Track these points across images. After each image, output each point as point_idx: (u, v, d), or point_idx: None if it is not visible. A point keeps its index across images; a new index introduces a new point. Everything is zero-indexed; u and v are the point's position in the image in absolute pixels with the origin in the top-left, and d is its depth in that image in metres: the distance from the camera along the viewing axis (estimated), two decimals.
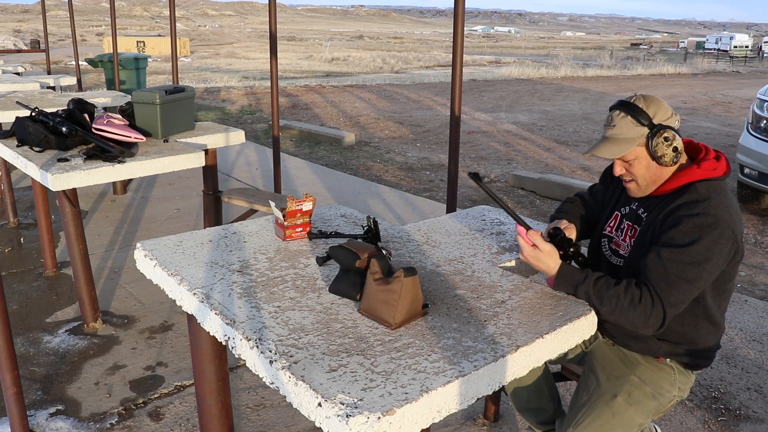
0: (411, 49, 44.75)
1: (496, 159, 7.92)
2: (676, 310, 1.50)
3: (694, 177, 1.57)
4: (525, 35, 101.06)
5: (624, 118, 1.58)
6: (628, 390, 1.67)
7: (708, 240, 1.47)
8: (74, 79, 7.12)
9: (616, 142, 1.59)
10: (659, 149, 1.56)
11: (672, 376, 1.69)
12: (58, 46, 31.69)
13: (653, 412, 1.69)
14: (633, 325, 1.52)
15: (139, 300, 3.46)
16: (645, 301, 1.48)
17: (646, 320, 1.49)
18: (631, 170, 1.62)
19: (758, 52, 44.99)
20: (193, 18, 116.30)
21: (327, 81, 18.58)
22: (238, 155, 7.25)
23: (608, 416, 1.65)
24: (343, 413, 1.08)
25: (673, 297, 1.48)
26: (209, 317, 1.46)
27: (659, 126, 1.56)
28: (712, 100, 15.05)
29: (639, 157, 1.59)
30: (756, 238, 5.07)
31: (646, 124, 1.56)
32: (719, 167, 1.59)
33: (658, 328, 1.51)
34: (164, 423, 2.42)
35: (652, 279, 1.50)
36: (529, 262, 1.61)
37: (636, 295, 1.49)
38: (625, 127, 1.58)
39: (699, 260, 1.48)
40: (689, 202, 1.53)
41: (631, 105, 1.58)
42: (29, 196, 5.06)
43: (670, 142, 1.56)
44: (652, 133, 1.56)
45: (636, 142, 1.57)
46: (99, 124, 2.99)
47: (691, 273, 1.48)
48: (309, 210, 1.93)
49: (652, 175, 1.61)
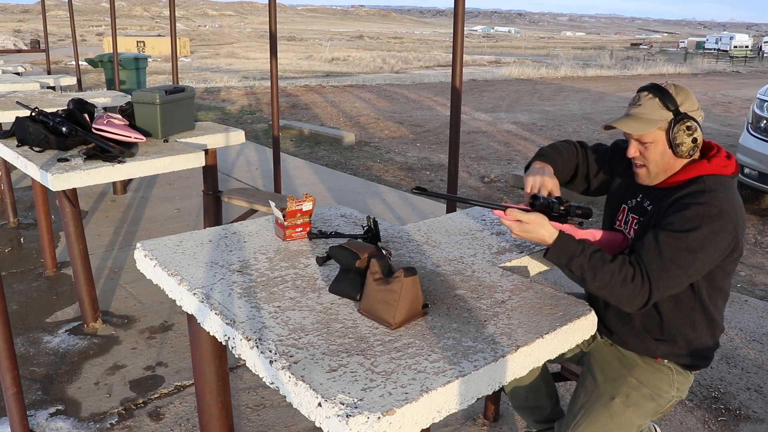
0: (411, 49, 44.76)
1: (496, 159, 7.92)
2: (662, 294, 1.50)
3: (704, 171, 1.57)
4: (525, 35, 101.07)
5: (652, 99, 1.58)
6: (626, 392, 1.67)
7: (707, 230, 1.47)
8: (74, 79, 7.12)
9: (638, 120, 1.58)
10: (679, 137, 1.55)
11: (670, 376, 1.69)
12: (58, 46, 31.69)
13: (651, 413, 1.69)
14: (618, 301, 1.51)
15: (139, 300, 3.46)
16: (636, 280, 1.48)
17: (632, 300, 1.49)
18: (646, 154, 1.61)
19: (758, 52, 44.98)
20: (193, 18, 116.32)
21: (327, 81, 18.58)
22: (238, 155, 7.25)
23: (606, 418, 1.65)
24: (343, 413, 1.08)
25: (663, 281, 1.48)
26: (209, 317, 1.46)
27: (684, 114, 1.56)
28: (712, 100, 15.05)
29: (657, 141, 1.58)
30: (756, 238, 5.07)
31: (672, 110, 1.56)
32: (729, 165, 1.59)
33: (640, 308, 1.50)
34: (164, 423, 2.42)
35: (645, 259, 1.49)
36: (523, 238, 1.60)
37: (629, 274, 1.48)
38: (651, 108, 1.57)
39: (695, 248, 1.47)
40: (696, 192, 1.53)
41: (661, 89, 1.59)
42: (29, 196, 5.06)
43: (692, 132, 1.56)
44: (676, 119, 1.56)
45: (658, 125, 1.57)
46: (99, 124, 2.99)
47: (684, 259, 1.47)
48: (309, 210, 1.93)
49: (665, 163, 1.61)
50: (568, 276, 1.57)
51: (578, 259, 1.52)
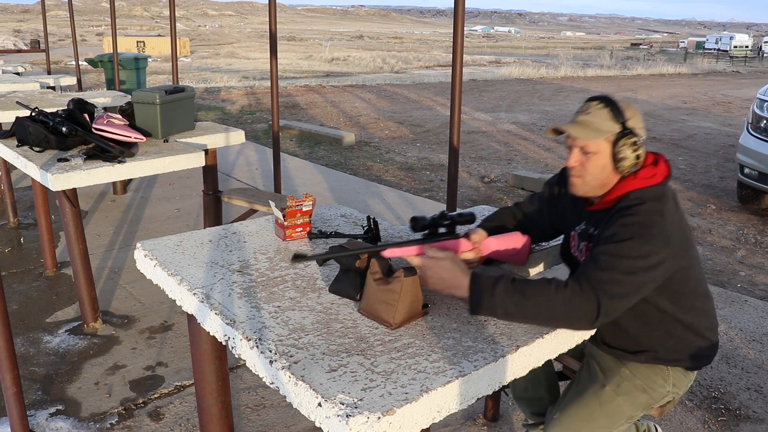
0: (411, 49, 44.74)
1: (496, 159, 7.92)
2: (613, 301, 1.40)
3: (631, 187, 1.55)
4: (525, 35, 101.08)
5: (602, 109, 1.56)
6: (618, 381, 1.68)
7: (639, 240, 1.44)
8: (74, 79, 7.12)
9: (587, 127, 1.56)
10: (623, 151, 1.53)
11: (665, 372, 1.69)
12: (58, 46, 31.69)
13: (644, 405, 1.70)
14: (566, 316, 1.38)
15: (139, 300, 3.46)
16: (572, 286, 1.39)
17: (578, 309, 1.38)
18: (586, 164, 1.58)
19: (758, 52, 44.98)
20: (193, 18, 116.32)
21: (327, 81, 18.57)
22: (238, 155, 7.25)
23: (596, 405, 1.68)
24: (343, 413, 1.08)
25: (606, 285, 1.39)
26: (209, 317, 1.46)
27: (631, 130, 1.54)
28: (712, 100, 15.05)
29: (600, 153, 1.56)
30: (756, 238, 5.07)
31: (620, 123, 1.55)
32: (657, 173, 1.57)
33: (594, 319, 1.39)
34: (164, 423, 2.42)
35: (584, 271, 1.43)
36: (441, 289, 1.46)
37: (561, 283, 1.40)
38: (600, 118, 1.55)
39: (632, 255, 1.43)
40: (623, 208, 1.51)
41: (612, 100, 1.58)
42: (29, 196, 5.06)
43: (636, 148, 1.54)
44: (623, 133, 1.54)
45: (605, 135, 1.55)
46: (99, 124, 2.99)
47: (624, 265, 1.41)
48: (309, 210, 1.93)
49: (603, 177, 1.58)
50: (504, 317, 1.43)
51: (501, 284, 1.40)
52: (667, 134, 9.90)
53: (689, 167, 7.61)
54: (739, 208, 5.86)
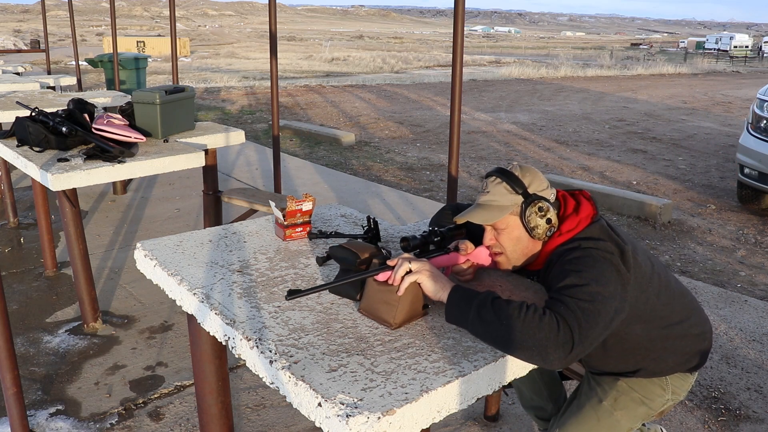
0: (411, 49, 44.75)
1: (496, 159, 7.92)
2: (582, 329, 1.29)
3: (557, 243, 1.52)
4: (525, 35, 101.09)
5: (499, 184, 1.54)
6: (615, 396, 1.66)
7: (592, 270, 1.38)
8: (74, 79, 7.12)
9: (489, 208, 1.54)
10: (533, 220, 1.51)
11: (664, 381, 1.66)
12: (58, 46, 31.69)
13: (643, 416, 1.68)
14: (541, 343, 1.26)
15: (139, 300, 3.46)
16: (549, 316, 1.29)
17: (555, 337, 1.26)
18: (501, 240, 1.56)
19: (758, 52, 44.97)
20: (193, 18, 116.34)
21: (327, 81, 18.57)
22: (238, 155, 7.25)
23: (593, 421, 1.67)
24: (343, 413, 1.08)
25: (576, 317, 1.30)
26: (209, 317, 1.46)
27: (534, 196, 1.52)
28: (712, 100, 15.05)
29: (510, 227, 1.53)
30: (756, 238, 5.07)
31: (521, 193, 1.52)
32: (581, 218, 1.52)
33: (570, 349, 1.27)
34: (164, 423, 2.43)
35: (551, 306, 1.34)
36: (434, 294, 1.41)
37: (538, 310, 1.30)
38: (499, 194, 1.53)
39: (588, 281, 1.36)
40: (562, 252, 1.46)
41: (507, 172, 1.55)
42: (29, 196, 5.06)
43: (544, 213, 1.51)
44: (527, 202, 1.52)
45: (509, 210, 1.52)
46: (99, 124, 2.99)
47: (584, 293, 1.33)
48: (309, 210, 1.93)
49: (523, 247, 1.55)
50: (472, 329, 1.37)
51: (477, 300, 1.35)
52: (667, 134, 9.90)
53: (689, 167, 7.61)
54: (739, 208, 5.86)
